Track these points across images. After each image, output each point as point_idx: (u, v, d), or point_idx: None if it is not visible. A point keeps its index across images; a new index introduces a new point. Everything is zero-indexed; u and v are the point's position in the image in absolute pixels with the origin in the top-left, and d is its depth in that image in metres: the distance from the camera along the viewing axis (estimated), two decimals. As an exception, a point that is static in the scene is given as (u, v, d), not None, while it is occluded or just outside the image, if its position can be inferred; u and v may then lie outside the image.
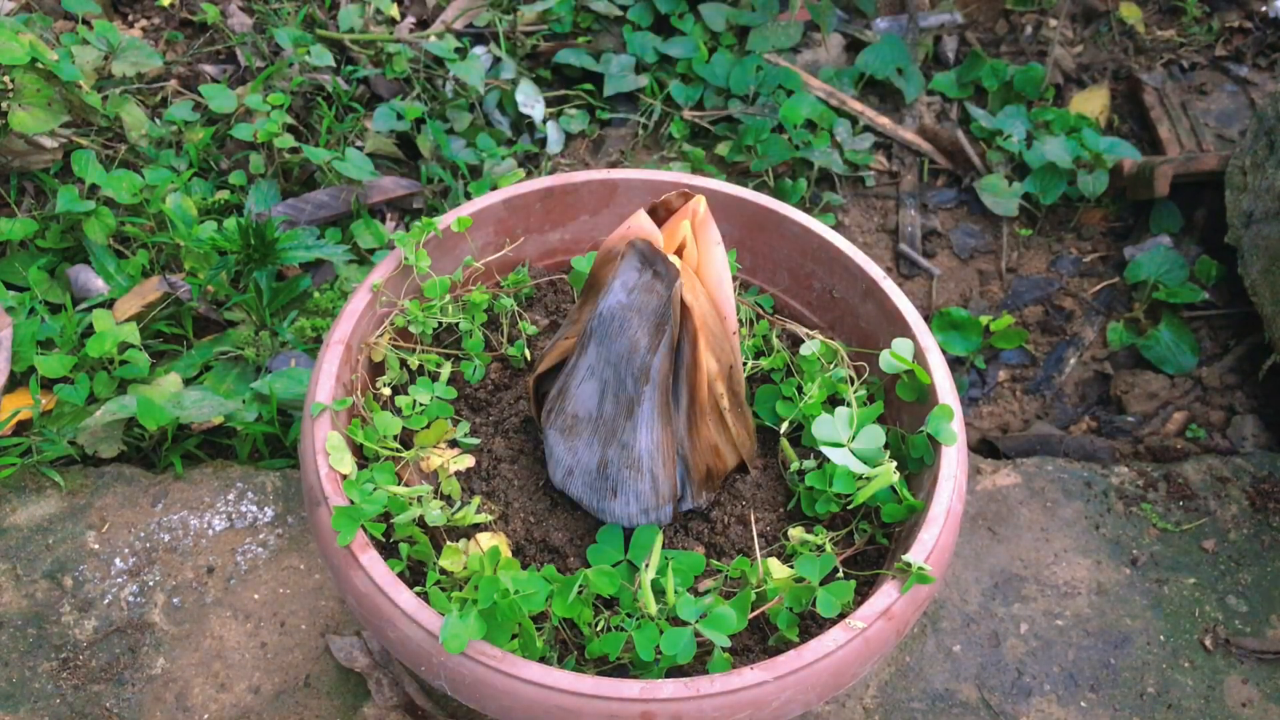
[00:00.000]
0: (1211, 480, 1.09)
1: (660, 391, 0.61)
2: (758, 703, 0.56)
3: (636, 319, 0.59)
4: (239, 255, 1.14)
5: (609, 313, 0.60)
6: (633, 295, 0.59)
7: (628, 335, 0.60)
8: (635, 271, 0.59)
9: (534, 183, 0.82)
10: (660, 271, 0.58)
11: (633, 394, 0.61)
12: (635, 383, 0.61)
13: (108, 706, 0.89)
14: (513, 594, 0.58)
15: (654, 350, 0.60)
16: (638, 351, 0.60)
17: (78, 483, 1.03)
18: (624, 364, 0.61)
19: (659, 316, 0.59)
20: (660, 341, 0.60)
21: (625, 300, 0.60)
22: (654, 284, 0.59)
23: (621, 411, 0.62)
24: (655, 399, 0.62)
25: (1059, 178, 1.39)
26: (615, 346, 0.61)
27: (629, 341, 0.60)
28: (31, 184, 1.28)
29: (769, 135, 1.40)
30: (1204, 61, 1.62)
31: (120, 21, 1.55)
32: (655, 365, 0.60)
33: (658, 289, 0.59)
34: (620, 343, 0.60)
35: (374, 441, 0.69)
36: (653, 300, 0.59)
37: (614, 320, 0.60)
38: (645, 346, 0.60)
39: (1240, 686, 0.95)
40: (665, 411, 0.62)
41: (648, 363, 0.60)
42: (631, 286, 0.59)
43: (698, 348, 0.62)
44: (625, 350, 0.60)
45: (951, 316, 1.25)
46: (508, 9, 1.57)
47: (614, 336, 0.60)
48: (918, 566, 0.60)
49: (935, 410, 0.67)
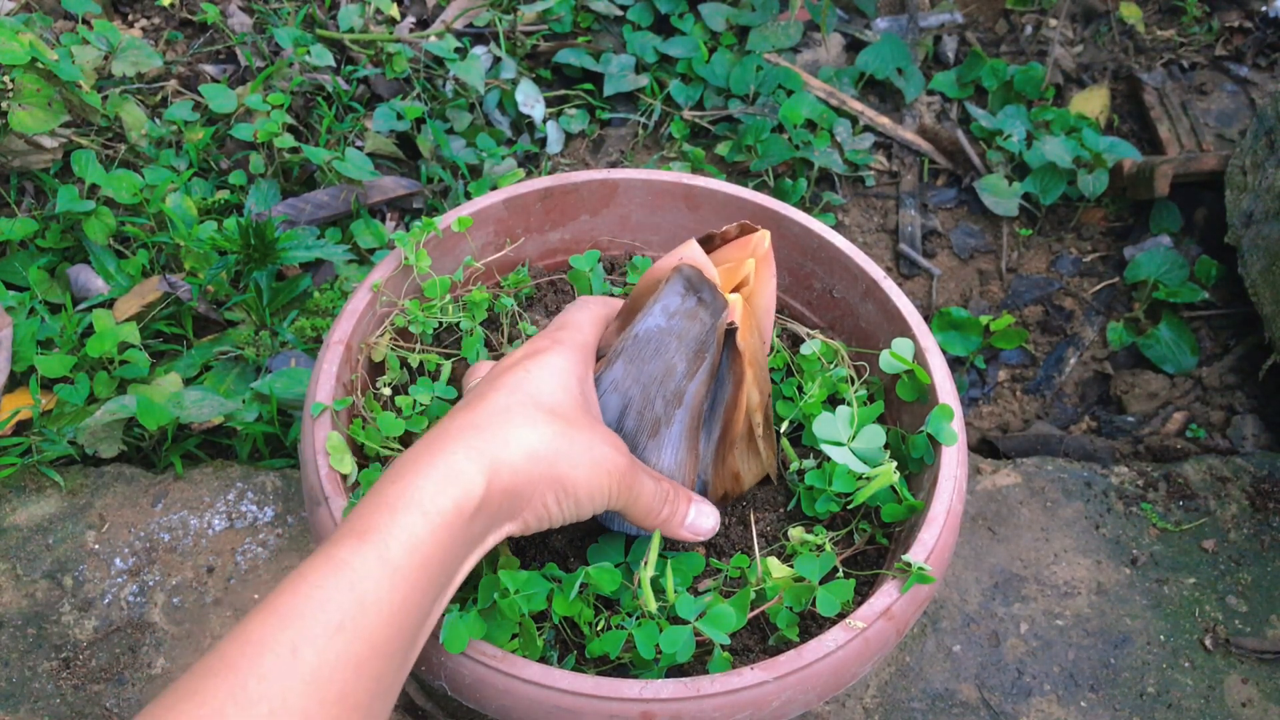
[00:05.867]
0: (1211, 480, 1.09)
1: (692, 416, 0.60)
2: (758, 703, 0.56)
3: (675, 343, 0.58)
4: (239, 255, 1.14)
5: (645, 335, 0.59)
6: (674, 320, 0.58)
7: (663, 359, 0.59)
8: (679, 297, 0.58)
9: (534, 183, 0.82)
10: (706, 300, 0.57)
11: (660, 415, 0.60)
12: (666, 405, 0.60)
13: (108, 706, 0.89)
14: (513, 593, 0.58)
15: (691, 377, 0.58)
16: (673, 376, 0.59)
17: (78, 483, 1.03)
18: (655, 386, 0.59)
19: (699, 344, 0.58)
20: (699, 369, 0.58)
21: (665, 324, 0.58)
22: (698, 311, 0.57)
23: (645, 430, 0.61)
24: (686, 422, 0.60)
25: (1059, 178, 1.39)
26: (648, 368, 0.59)
27: (664, 365, 0.59)
28: (31, 184, 1.28)
29: (769, 135, 1.40)
30: (1204, 61, 1.62)
31: (120, 21, 1.55)
32: (691, 390, 0.59)
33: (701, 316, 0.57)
34: (654, 365, 0.59)
35: (375, 442, 0.69)
36: (695, 327, 0.58)
37: (650, 343, 0.59)
38: (682, 373, 0.58)
39: (1240, 686, 0.95)
40: (694, 436, 0.62)
41: (683, 388, 0.59)
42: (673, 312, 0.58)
43: (742, 388, 0.61)
44: (659, 373, 0.59)
45: (951, 316, 1.25)
46: (508, 9, 1.57)
47: (647, 359, 0.59)
48: (918, 566, 0.60)
49: (935, 410, 0.67)
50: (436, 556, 0.48)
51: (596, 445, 0.55)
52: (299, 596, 0.45)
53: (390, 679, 0.47)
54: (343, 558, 0.46)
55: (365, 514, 0.48)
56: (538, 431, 0.53)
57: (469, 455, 0.50)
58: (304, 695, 0.42)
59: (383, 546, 0.46)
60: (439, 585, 0.49)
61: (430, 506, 0.48)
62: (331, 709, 0.43)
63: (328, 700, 0.43)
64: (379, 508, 0.48)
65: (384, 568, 0.46)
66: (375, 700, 0.46)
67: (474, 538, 0.51)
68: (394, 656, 0.47)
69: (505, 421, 0.53)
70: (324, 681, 0.43)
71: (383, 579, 0.46)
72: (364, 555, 0.46)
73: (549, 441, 0.53)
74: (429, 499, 0.48)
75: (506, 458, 0.51)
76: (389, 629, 0.46)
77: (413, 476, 0.49)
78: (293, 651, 0.43)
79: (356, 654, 0.44)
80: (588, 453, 0.54)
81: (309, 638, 0.43)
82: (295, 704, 0.42)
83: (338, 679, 0.43)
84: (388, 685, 0.47)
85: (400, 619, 0.46)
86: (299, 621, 0.44)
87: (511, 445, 0.52)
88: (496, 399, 0.54)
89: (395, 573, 0.46)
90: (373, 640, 0.45)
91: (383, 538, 0.46)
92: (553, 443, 0.53)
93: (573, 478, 0.54)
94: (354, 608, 0.44)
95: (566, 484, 0.54)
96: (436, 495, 0.48)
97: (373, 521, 0.47)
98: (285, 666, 0.42)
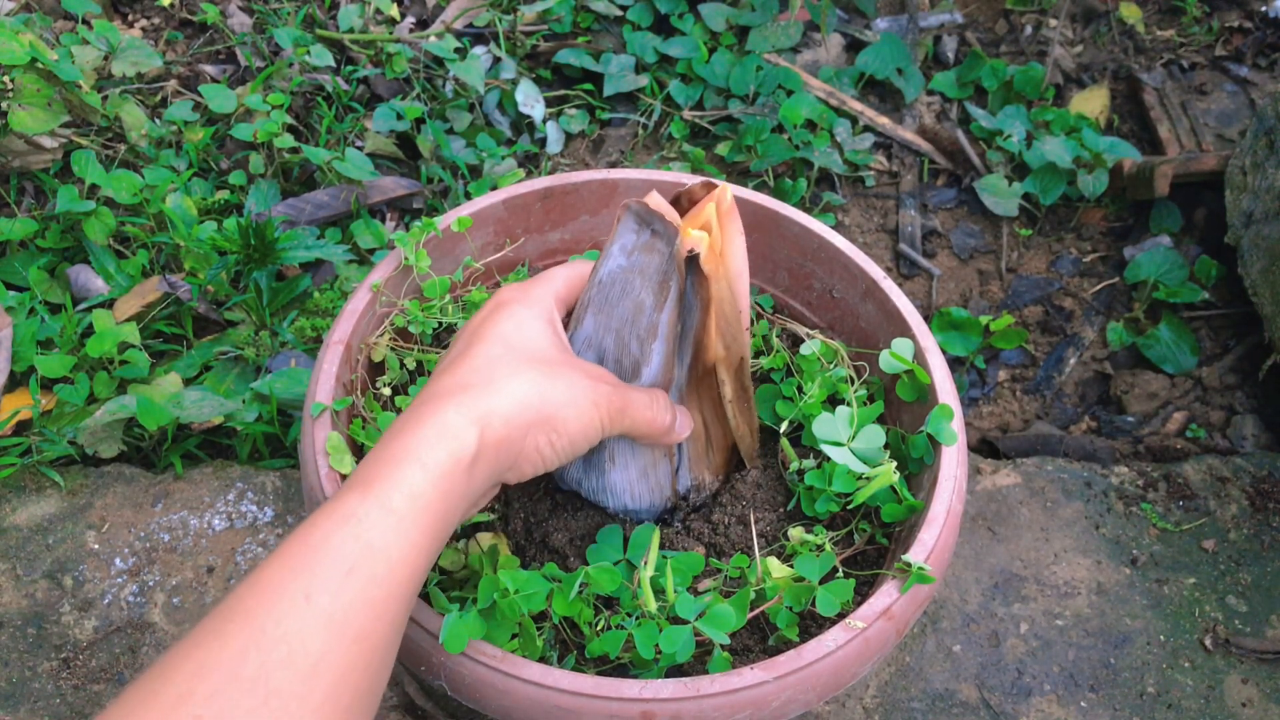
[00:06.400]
0: (1211, 480, 1.09)
1: (668, 343, 0.60)
2: (758, 702, 0.56)
3: (639, 279, 0.58)
4: (239, 255, 1.14)
5: (609, 278, 0.59)
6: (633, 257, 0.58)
7: (631, 298, 0.58)
8: (633, 234, 0.58)
9: (534, 183, 0.82)
10: (659, 230, 0.57)
11: (638, 355, 0.60)
12: (642, 344, 0.60)
13: (108, 706, 0.89)
14: (513, 593, 0.58)
15: (660, 308, 0.58)
16: (643, 312, 0.59)
17: (78, 483, 1.03)
18: (628, 328, 0.59)
19: (662, 274, 0.57)
20: (666, 299, 0.58)
21: (625, 263, 0.58)
22: (654, 243, 0.57)
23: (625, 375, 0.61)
24: (664, 353, 0.61)
25: (1059, 178, 1.39)
26: (617, 311, 0.59)
27: (633, 304, 0.59)
28: (31, 184, 1.28)
29: (769, 135, 1.40)
30: (1204, 61, 1.62)
31: (120, 21, 1.55)
32: (663, 321, 0.59)
33: (659, 247, 0.57)
34: (623, 307, 0.59)
35: (375, 441, 0.69)
36: (655, 260, 0.57)
37: (614, 285, 0.59)
38: (651, 305, 0.58)
39: (1240, 686, 0.95)
40: (670, 361, 0.62)
41: (655, 320, 0.59)
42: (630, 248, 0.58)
43: (710, 312, 0.60)
44: (629, 314, 0.59)
45: (951, 316, 1.25)
46: (508, 9, 1.57)
47: (615, 302, 0.59)
48: (918, 566, 0.60)
49: (935, 410, 0.67)
50: (436, 506, 0.50)
51: (578, 380, 0.57)
52: (309, 546, 0.47)
53: (402, 621, 0.49)
54: (349, 509, 0.48)
55: (367, 469, 0.50)
56: (520, 379, 0.55)
57: (459, 411, 0.52)
58: (323, 637, 0.44)
59: (385, 498, 0.48)
60: (440, 534, 0.51)
61: (429, 460, 0.50)
62: (350, 648, 0.45)
63: (345, 639, 0.45)
64: (380, 462, 0.50)
65: (388, 517, 0.48)
66: (390, 643, 0.48)
67: (473, 489, 0.53)
68: (403, 599, 0.49)
69: (490, 376, 0.55)
70: (340, 623, 0.45)
71: (388, 528, 0.48)
72: (368, 506, 0.48)
73: (533, 386, 0.55)
74: (426, 453, 0.50)
75: (496, 408, 0.53)
76: (397, 573, 0.48)
77: (409, 436, 0.51)
78: (307, 597, 0.45)
79: (369, 597, 0.46)
80: (570, 389, 0.56)
81: (322, 583, 0.45)
82: (314, 646, 0.44)
83: (353, 620, 0.45)
84: (399, 625, 0.49)
85: (406, 565, 0.48)
86: (310, 569, 0.46)
87: (498, 397, 0.54)
88: (477, 353, 0.56)
89: (400, 521, 0.48)
90: (383, 584, 0.47)
91: (385, 489, 0.49)
92: (537, 386, 0.55)
93: (561, 417, 0.55)
94: (363, 554, 0.47)
95: (556, 424, 0.55)
96: (432, 449, 0.50)
97: (374, 473, 0.49)
98: (301, 611, 0.44)
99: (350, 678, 0.45)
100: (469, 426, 0.52)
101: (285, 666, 0.43)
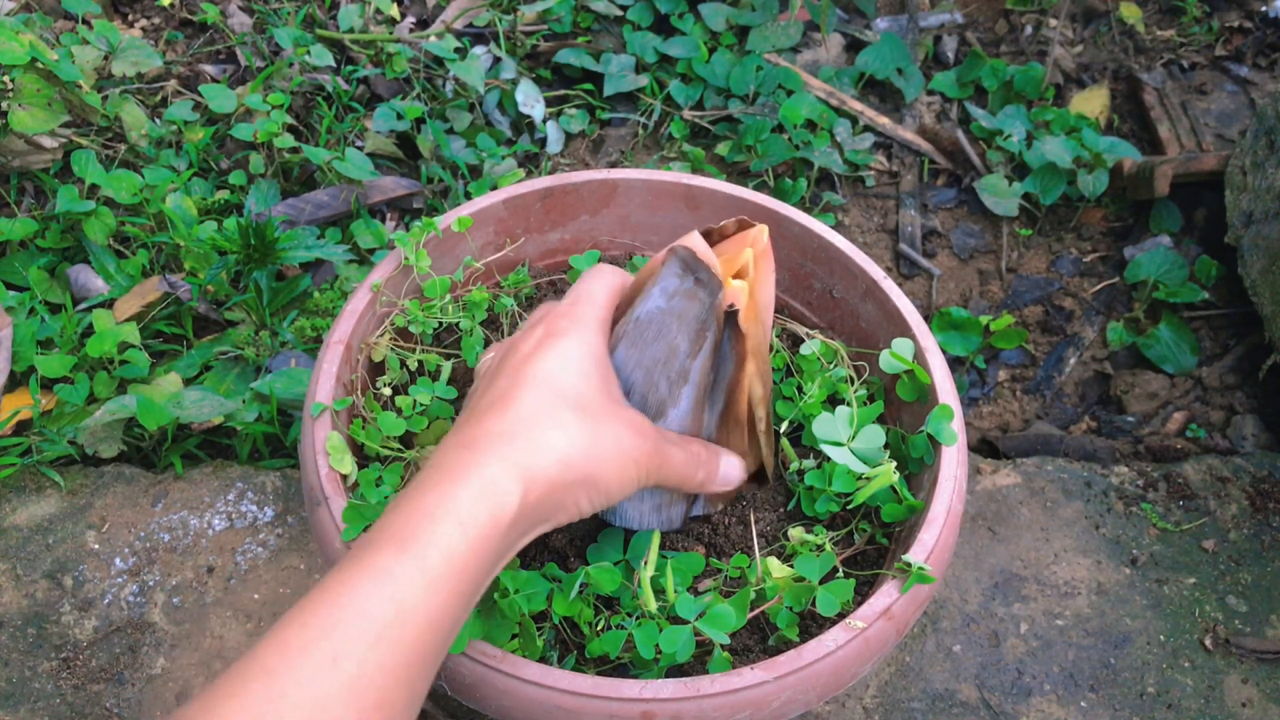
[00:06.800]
0: (1211, 480, 1.09)
1: (699, 392, 0.61)
2: (758, 703, 0.56)
3: (676, 323, 0.58)
4: (239, 255, 1.14)
5: (646, 317, 0.59)
6: (673, 301, 0.58)
7: (666, 340, 0.59)
8: (676, 278, 0.58)
9: (534, 183, 0.82)
10: (703, 279, 0.57)
11: (665, 396, 0.61)
12: (671, 386, 0.60)
13: (108, 706, 0.89)
14: (513, 593, 0.58)
15: (694, 355, 0.59)
16: (676, 355, 0.59)
17: (78, 483, 1.03)
18: (659, 368, 0.60)
19: (700, 323, 0.58)
20: (701, 348, 0.59)
21: (664, 305, 0.58)
22: (696, 291, 0.58)
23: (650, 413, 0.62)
24: (693, 398, 0.61)
25: (1059, 178, 1.39)
26: (651, 351, 0.60)
27: (667, 346, 0.59)
28: (31, 184, 1.28)
29: (769, 135, 1.40)
30: (1204, 61, 1.62)
31: (120, 21, 1.55)
32: (696, 367, 0.59)
33: (700, 296, 0.58)
34: (656, 347, 0.59)
35: (375, 442, 0.69)
36: (694, 307, 0.58)
37: (651, 325, 0.59)
38: (685, 351, 0.59)
39: (1240, 686, 0.95)
40: (699, 410, 0.62)
41: (688, 366, 0.59)
42: (672, 292, 0.58)
43: (744, 368, 0.61)
44: (662, 355, 0.59)
45: (951, 316, 1.25)
46: (508, 9, 1.57)
47: (649, 341, 0.59)
48: (918, 566, 0.60)
49: (935, 410, 0.67)
50: (472, 565, 0.48)
51: (623, 436, 0.55)
52: (339, 605, 0.45)
53: (423, 685, 0.48)
54: (383, 566, 0.46)
55: (400, 521, 0.48)
56: (567, 434, 0.53)
57: (503, 467, 0.50)
58: (343, 702, 0.43)
59: (421, 556, 0.47)
60: (473, 593, 0.50)
61: (467, 518, 0.48)
62: (370, 715, 0.43)
63: (367, 708, 0.43)
64: (416, 513, 0.48)
65: (423, 577, 0.46)
66: (410, 707, 0.46)
67: (508, 547, 0.51)
68: (429, 663, 0.47)
69: (534, 426, 0.53)
70: (363, 690, 0.43)
71: (421, 588, 0.46)
72: (404, 564, 0.46)
73: (578, 444, 0.53)
74: (466, 510, 0.48)
75: (540, 466, 0.51)
76: (426, 637, 0.46)
77: (449, 485, 0.49)
78: (333, 660, 0.43)
79: (395, 663, 0.45)
80: (615, 447, 0.55)
81: (349, 647, 0.44)
82: (336, 712, 0.42)
83: (375, 687, 0.44)
84: (420, 691, 0.47)
85: (436, 627, 0.47)
86: (339, 629, 0.44)
87: (543, 453, 0.52)
88: (523, 400, 0.54)
89: (434, 582, 0.46)
90: (411, 649, 0.45)
91: (422, 547, 0.47)
92: (581, 444, 0.53)
93: (603, 475, 0.54)
94: (394, 617, 0.45)
95: (598, 482, 0.54)
96: (473, 507, 0.49)
97: (410, 529, 0.47)
98: (325, 674, 0.43)
99: None
100: (512, 484, 0.50)
101: None
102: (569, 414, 0.54)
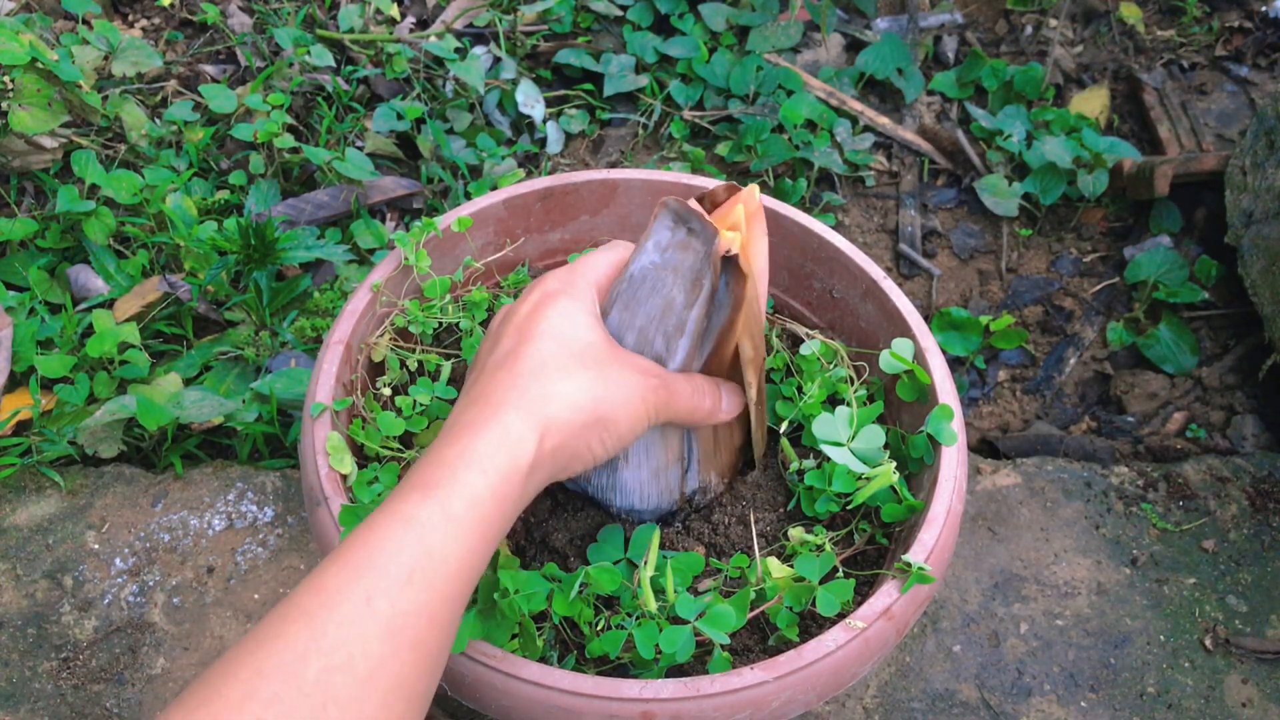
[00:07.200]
0: (1211, 480, 1.09)
1: (693, 339, 0.61)
2: (758, 703, 0.56)
3: (671, 276, 0.58)
4: (239, 255, 1.14)
5: (640, 274, 0.59)
6: (667, 254, 0.58)
7: (661, 294, 0.59)
8: (668, 230, 0.58)
9: (534, 183, 0.82)
10: (696, 229, 0.57)
11: (662, 351, 0.60)
12: (668, 340, 0.60)
13: (108, 706, 0.89)
14: (513, 593, 0.58)
15: (690, 306, 0.59)
16: (673, 309, 0.59)
17: (78, 483, 1.03)
18: (654, 324, 0.60)
19: (695, 273, 0.58)
20: (697, 298, 0.58)
21: (658, 260, 0.58)
22: (690, 241, 0.57)
23: None
24: (688, 348, 0.61)
25: (1059, 178, 1.39)
26: (646, 308, 0.60)
27: (663, 300, 0.59)
28: (31, 184, 1.28)
29: (769, 135, 1.40)
30: (1204, 61, 1.62)
31: (120, 21, 1.55)
32: (692, 317, 0.59)
33: (694, 246, 0.57)
34: (653, 303, 0.59)
35: (375, 442, 0.69)
36: (689, 258, 0.58)
37: (645, 281, 0.59)
38: (682, 303, 0.59)
39: (1240, 686, 0.95)
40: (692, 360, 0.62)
41: (684, 318, 0.59)
42: (665, 245, 0.58)
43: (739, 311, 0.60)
44: (658, 310, 0.59)
45: (951, 316, 1.25)
46: (508, 9, 1.57)
47: (645, 298, 0.59)
48: (918, 566, 0.60)
49: (935, 410, 0.67)
50: (495, 512, 0.50)
51: (629, 377, 0.57)
52: (370, 548, 0.47)
53: (452, 630, 0.49)
54: (409, 512, 0.48)
55: (426, 471, 0.50)
56: (575, 382, 0.55)
57: (518, 415, 0.53)
58: (381, 641, 0.44)
59: (446, 502, 0.49)
60: (495, 538, 0.51)
61: (489, 465, 0.50)
62: (406, 655, 0.45)
63: (402, 646, 0.45)
64: (440, 464, 0.50)
65: (448, 522, 0.48)
66: (442, 649, 0.48)
67: (528, 494, 0.53)
68: (456, 607, 0.49)
69: (543, 377, 0.55)
70: (399, 629, 0.45)
71: (448, 532, 0.48)
72: (429, 510, 0.48)
73: (587, 389, 0.55)
74: (487, 459, 0.51)
75: (553, 413, 0.54)
76: (454, 581, 0.48)
77: (469, 439, 0.51)
78: (367, 600, 0.45)
79: (427, 603, 0.46)
80: (622, 388, 0.57)
81: (383, 588, 0.45)
82: (374, 650, 0.44)
83: (410, 625, 0.46)
84: (449, 635, 0.49)
85: (463, 569, 0.49)
86: (372, 572, 0.46)
87: (555, 401, 0.54)
88: (530, 352, 0.56)
89: (459, 526, 0.48)
90: (440, 590, 0.47)
91: (446, 494, 0.49)
92: (590, 389, 0.55)
93: (613, 417, 0.56)
94: (423, 559, 0.47)
95: (609, 424, 0.56)
96: (494, 456, 0.51)
97: (435, 478, 0.50)
98: (361, 614, 0.45)
99: (404, 685, 0.45)
100: (529, 432, 0.52)
101: (344, 671, 0.43)
102: (575, 363, 0.56)
